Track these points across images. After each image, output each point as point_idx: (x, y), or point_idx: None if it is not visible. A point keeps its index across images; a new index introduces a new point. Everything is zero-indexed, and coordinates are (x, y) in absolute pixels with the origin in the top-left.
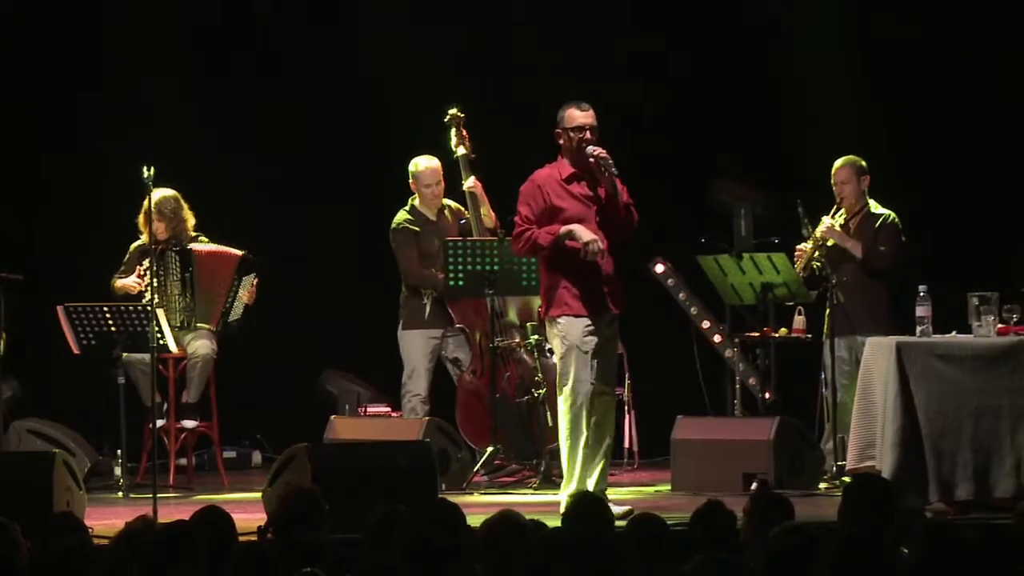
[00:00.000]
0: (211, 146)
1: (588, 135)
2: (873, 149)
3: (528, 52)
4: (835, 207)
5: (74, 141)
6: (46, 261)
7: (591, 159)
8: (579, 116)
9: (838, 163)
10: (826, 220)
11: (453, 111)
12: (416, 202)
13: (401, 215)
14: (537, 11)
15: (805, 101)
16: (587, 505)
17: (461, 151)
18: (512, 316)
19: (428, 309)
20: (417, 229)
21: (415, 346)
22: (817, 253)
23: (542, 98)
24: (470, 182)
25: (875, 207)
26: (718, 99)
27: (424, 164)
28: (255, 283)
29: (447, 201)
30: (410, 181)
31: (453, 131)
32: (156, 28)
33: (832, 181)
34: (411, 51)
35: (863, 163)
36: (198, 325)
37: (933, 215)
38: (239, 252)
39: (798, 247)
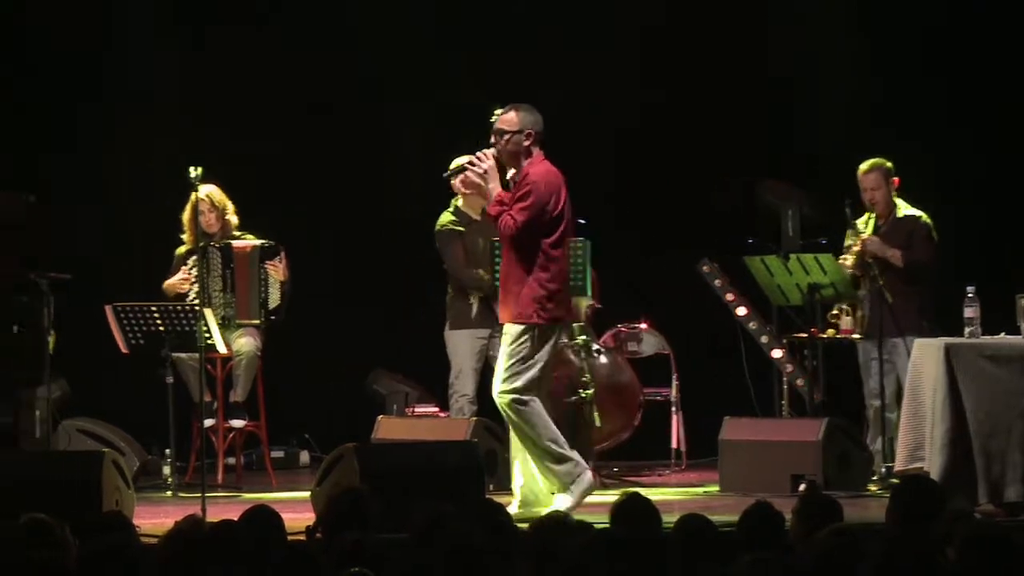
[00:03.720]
0: (259, 144)
1: (492, 139)
2: (909, 149)
3: (555, 52)
4: (866, 214)
5: (119, 141)
6: (94, 261)
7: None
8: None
9: (864, 167)
10: (862, 234)
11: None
12: (459, 203)
13: (445, 216)
14: (567, 10)
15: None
16: (635, 506)
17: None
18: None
19: (475, 309)
20: (461, 229)
21: (462, 346)
22: (860, 264)
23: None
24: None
25: (904, 208)
26: (765, 98)
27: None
28: (282, 260)
29: None
30: (453, 180)
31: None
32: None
33: (860, 187)
34: (462, 51)
35: (889, 164)
36: (240, 322)
37: (978, 215)
38: (257, 241)
39: (846, 249)
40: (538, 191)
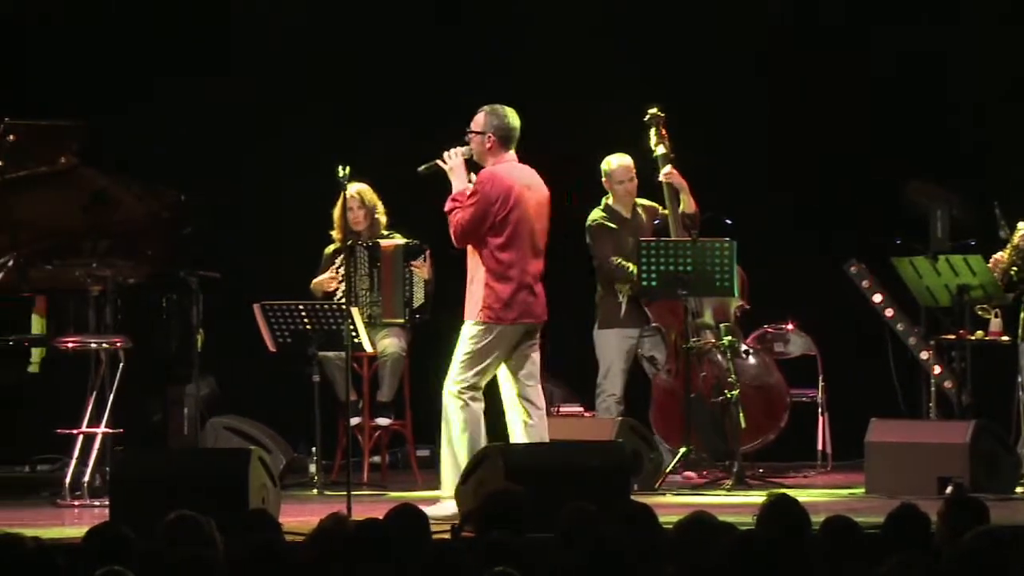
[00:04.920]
0: (405, 141)
1: (466, 138)
2: None
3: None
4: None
5: (270, 141)
6: (242, 259)
7: None
8: None
9: None
10: (1021, 226)
11: (653, 110)
12: (610, 200)
13: (596, 212)
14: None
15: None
16: (781, 507)
17: (661, 150)
18: (707, 317)
19: (623, 308)
20: (613, 226)
21: (610, 345)
22: (1018, 260)
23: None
24: (666, 169)
25: None
26: (916, 98)
27: (617, 161)
28: (426, 260)
29: (641, 200)
30: (603, 179)
31: (653, 130)
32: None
33: None
34: (613, 50)
35: None
36: (386, 321)
37: None
38: (401, 241)
39: (994, 256)
40: (484, 192)
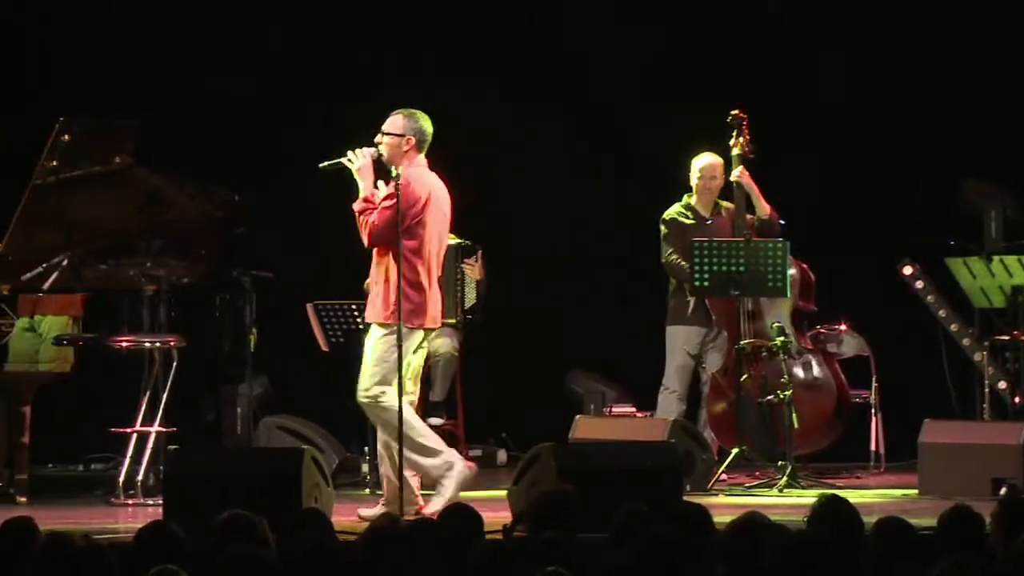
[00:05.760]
0: (470, 143)
1: (376, 139)
2: None
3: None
4: None
5: (318, 142)
6: (295, 259)
7: None
8: None
9: None
10: None
11: (735, 112)
12: (692, 199)
13: (675, 208)
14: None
15: None
16: (832, 508)
17: (736, 151)
18: (766, 317)
19: (692, 305)
20: (689, 223)
21: (676, 342)
22: None
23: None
24: (737, 171)
25: None
26: (969, 96)
27: (707, 159)
28: (478, 260)
29: (724, 202)
30: (690, 175)
31: (735, 131)
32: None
33: None
34: (701, 50)
35: None
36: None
37: None
38: (453, 241)
39: None
40: (404, 194)
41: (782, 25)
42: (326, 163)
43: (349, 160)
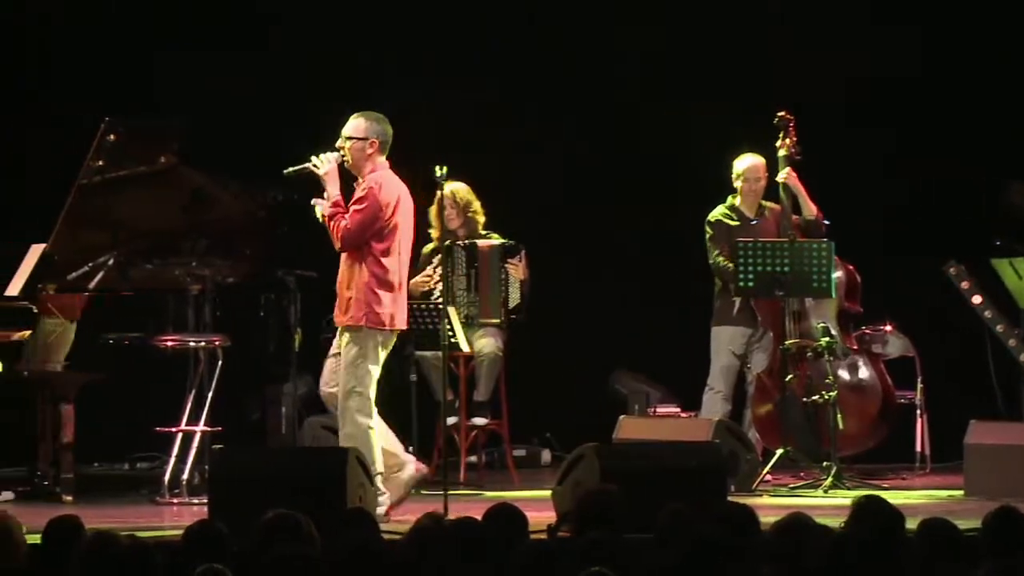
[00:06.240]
0: (513, 143)
1: (338, 143)
2: None
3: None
4: None
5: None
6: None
7: None
8: None
9: None
10: None
11: (782, 113)
12: (737, 200)
13: (720, 209)
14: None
15: None
16: (871, 508)
17: (783, 152)
18: (812, 318)
19: (737, 306)
20: (733, 224)
21: (721, 342)
22: None
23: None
24: (783, 173)
25: None
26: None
27: (750, 160)
28: (522, 259)
29: (768, 203)
30: (733, 177)
31: (782, 132)
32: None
33: None
34: (739, 50)
35: None
36: (483, 321)
37: None
38: (497, 241)
39: None
40: (374, 197)
41: (814, 22)
42: (291, 169)
43: (315, 166)
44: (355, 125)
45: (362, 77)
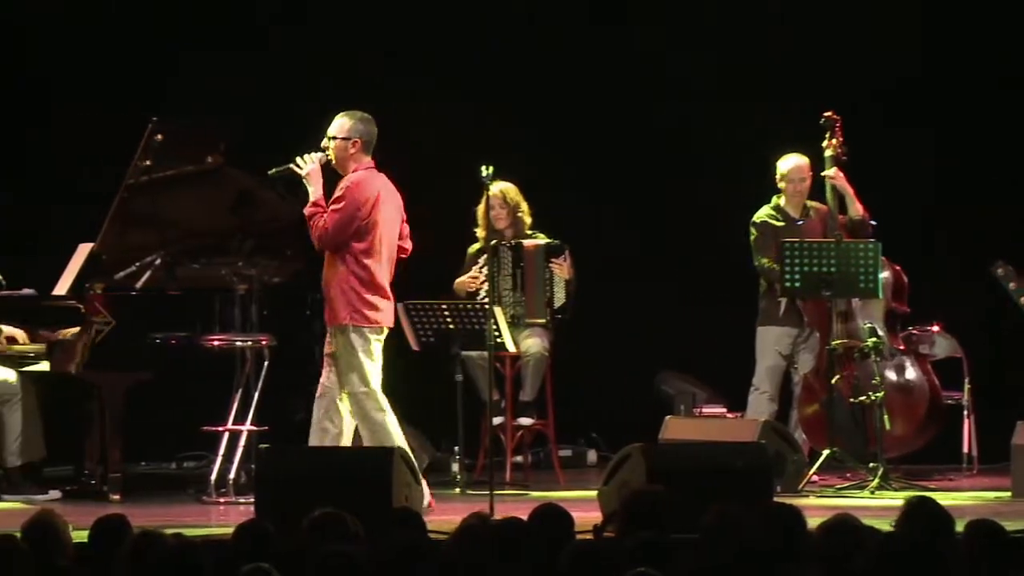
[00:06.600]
0: (554, 141)
1: (323, 143)
2: None
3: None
4: None
5: (411, 139)
6: None
7: None
8: None
9: None
10: None
11: (828, 113)
12: (781, 201)
13: (765, 209)
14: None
15: None
16: (922, 509)
17: (829, 152)
18: (859, 318)
19: (783, 307)
20: (778, 224)
21: (767, 342)
22: None
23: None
24: (831, 172)
25: None
26: None
27: (793, 161)
28: (567, 259)
29: (812, 203)
30: (777, 178)
31: (828, 132)
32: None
33: None
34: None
35: None
36: (529, 321)
37: None
38: (542, 240)
39: None
40: (351, 196)
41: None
42: (275, 170)
43: (298, 166)
44: (339, 124)
45: (362, 77)
